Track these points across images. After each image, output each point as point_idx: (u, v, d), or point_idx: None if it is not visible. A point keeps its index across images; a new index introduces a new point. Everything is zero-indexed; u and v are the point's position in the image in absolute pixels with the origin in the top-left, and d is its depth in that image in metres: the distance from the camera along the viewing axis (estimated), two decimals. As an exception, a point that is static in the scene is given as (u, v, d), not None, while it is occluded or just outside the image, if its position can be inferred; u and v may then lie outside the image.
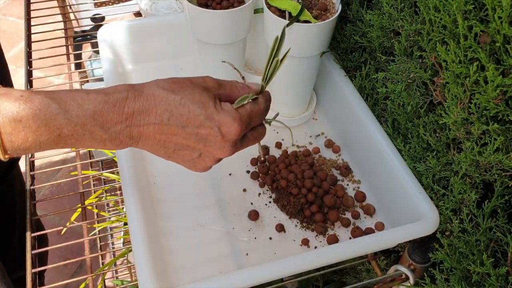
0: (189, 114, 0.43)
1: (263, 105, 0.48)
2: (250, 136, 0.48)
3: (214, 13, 0.68)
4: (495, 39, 0.45)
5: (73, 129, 0.41)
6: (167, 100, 0.43)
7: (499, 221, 0.52)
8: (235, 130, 0.44)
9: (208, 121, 0.44)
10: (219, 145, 0.45)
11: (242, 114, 0.45)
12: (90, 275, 0.67)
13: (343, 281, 0.86)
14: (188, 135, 0.44)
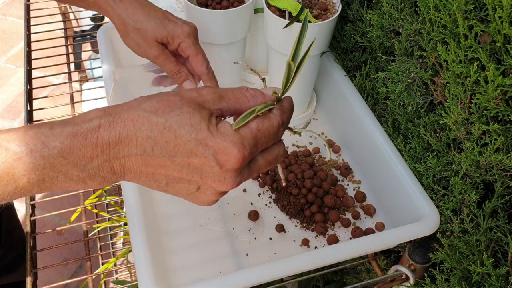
0: (176, 140, 0.35)
1: (276, 119, 0.38)
2: (261, 160, 0.38)
3: (214, 12, 0.68)
4: (495, 39, 0.45)
5: (42, 172, 0.34)
6: (149, 125, 0.35)
7: (499, 221, 0.52)
8: (235, 158, 0.35)
9: (200, 148, 0.35)
10: (218, 177, 0.36)
11: (245, 136, 0.36)
12: (90, 275, 0.67)
13: (344, 281, 0.86)
14: (179, 167, 0.36)
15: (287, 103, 0.40)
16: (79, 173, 0.35)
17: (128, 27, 0.56)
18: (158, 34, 0.56)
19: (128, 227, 0.57)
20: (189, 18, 0.71)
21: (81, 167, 0.35)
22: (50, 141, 0.34)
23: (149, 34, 0.56)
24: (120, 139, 0.35)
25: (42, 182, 0.35)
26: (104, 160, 0.35)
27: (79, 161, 0.35)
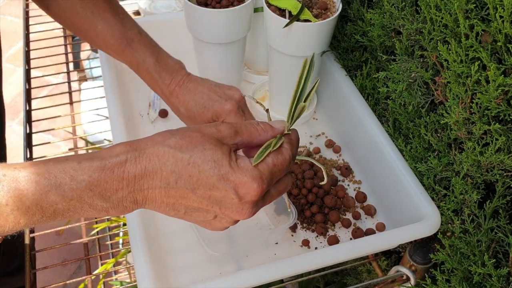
0: (199, 175, 0.38)
1: (288, 153, 0.41)
2: (273, 191, 0.42)
3: (213, 12, 0.67)
4: (496, 38, 0.45)
5: (69, 204, 0.37)
6: (174, 160, 0.38)
7: (500, 221, 0.51)
8: (255, 191, 0.38)
9: (222, 183, 0.38)
10: (237, 208, 0.40)
11: (263, 171, 0.39)
12: (89, 276, 0.67)
13: (344, 282, 0.86)
14: (200, 198, 0.39)
15: (295, 136, 0.43)
16: (103, 204, 0.38)
17: (181, 115, 0.61)
18: (204, 118, 0.59)
19: (127, 228, 0.57)
20: (189, 18, 0.71)
21: (106, 198, 0.38)
22: (78, 175, 0.37)
23: (197, 120, 0.59)
24: (146, 173, 0.38)
25: (67, 212, 0.37)
26: (129, 192, 0.38)
27: (105, 192, 0.37)
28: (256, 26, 0.76)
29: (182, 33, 0.76)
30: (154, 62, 0.61)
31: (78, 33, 0.64)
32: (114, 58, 0.65)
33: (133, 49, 0.61)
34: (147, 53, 0.61)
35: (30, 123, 0.82)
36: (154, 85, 0.62)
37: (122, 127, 0.67)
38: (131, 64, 0.62)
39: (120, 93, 0.72)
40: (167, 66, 0.61)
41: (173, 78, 0.60)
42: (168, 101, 0.62)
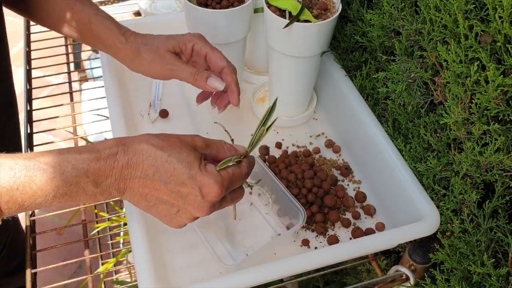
0: (173, 171, 0.45)
1: (245, 169, 0.49)
2: (228, 197, 0.49)
3: (213, 12, 0.68)
4: (496, 38, 0.45)
5: (68, 188, 0.43)
6: (155, 156, 0.45)
7: (500, 221, 0.52)
8: (215, 192, 0.45)
9: (190, 181, 0.45)
10: (198, 205, 0.46)
11: (224, 177, 0.46)
12: (90, 276, 0.67)
13: (344, 282, 0.86)
14: (170, 191, 0.45)
15: (252, 159, 0.52)
16: (94, 189, 0.44)
17: (140, 51, 0.60)
18: (170, 44, 0.59)
19: (128, 227, 0.57)
20: (189, 18, 0.71)
21: (98, 184, 0.44)
22: (79, 164, 0.43)
23: (160, 48, 0.59)
24: (130, 164, 0.45)
25: (63, 195, 0.43)
26: (115, 180, 0.44)
27: (97, 179, 0.44)
28: (256, 26, 0.76)
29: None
30: (107, 15, 0.63)
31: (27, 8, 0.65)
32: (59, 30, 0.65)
33: (83, 4, 0.62)
34: (99, 9, 0.63)
35: (31, 123, 0.82)
36: (108, 33, 0.61)
37: (123, 127, 0.67)
38: (82, 20, 0.62)
39: (120, 93, 0.72)
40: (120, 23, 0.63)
41: (128, 30, 0.62)
42: (123, 46, 0.61)
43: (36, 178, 0.42)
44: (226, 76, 0.59)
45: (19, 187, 0.41)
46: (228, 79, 0.59)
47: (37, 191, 0.42)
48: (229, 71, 0.59)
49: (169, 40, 0.60)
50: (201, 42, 0.60)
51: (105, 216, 1.02)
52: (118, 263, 1.07)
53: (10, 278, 0.97)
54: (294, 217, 0.64)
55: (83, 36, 0.64)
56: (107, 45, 0.63)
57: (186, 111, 0.80)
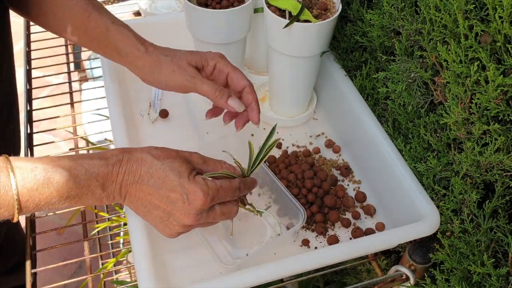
0: (165, 178, 0.49)
1: (236, 184, 0.52)
2: (218, 209, 0.51)
3: (213, 12, 0.68)
4: (495, 38, 0.45)
5: (80, 190, 0.47)
6: (151, 164, 0.49)
7: (500, 221, 0.52)
8: (200, 200, 0.48)
9: (179, 188, 0.48)
10: (185, 211, 0.49)
11: (211, 187, 0.49)
12: (90, 276, 0.67)
13: (344, 282, 0.86)
14: (161, 197, 0.49)
15: (251, 180, 0.55)
16: (101, 192, 0.48)
17: (161, 60, 0.59)
18: (192, 58, 0.59)
19: (128, 227, 0.57)
20: (189, 18, 0.71)
21: (104, 188, 0.48)
22: (91, 168, 0.48)
23: (182, 60, 0.59)
24: (131, 171, 0.49)
25: (74, 197, 0.47)
26: (118, 185, 0.49)
27: (105, 182, 0.48)
28: (256, 26, 0.76)
29: (182, 34, 0.76)
30: (125, 24, 0.62)
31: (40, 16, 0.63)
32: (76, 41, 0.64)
33: (100, 13, 0.61)
34: (116, 18, 0.62)
35: (31, 123, 0.82)
36: (126, 41, 0.60)
37: (123, 127, 0.67)
38: (99, 28, 0.61)
39: (120, 93, 0.72)
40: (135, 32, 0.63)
41: (146, 40, 0.61)
42: (142, 55, 0.60)
43: (53, 179, 0.46)
44: (248, 95, 0.59)
45: (39, 188, 0.45)
46: (249, 98, 0.59)
47: (53, 192, 0.46)
48: (250, 90, 0.59)
49: (192, 54, 0.60)
50: (224, 61, 0.60)
51: (105, 216, 1.02)
52: (118, 263, 1.07)
53: (8, 277, 0.97)
54: (294, 217, 0.64)
55: (98, 45, 0.63)
56: (125, 54, 0.61)
57: (186, 111, 0.80)
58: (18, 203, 0.45)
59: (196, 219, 0.49)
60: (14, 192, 0.44)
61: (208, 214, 0.51)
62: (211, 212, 0.51)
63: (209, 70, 0.60)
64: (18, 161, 0.46)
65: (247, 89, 0.60)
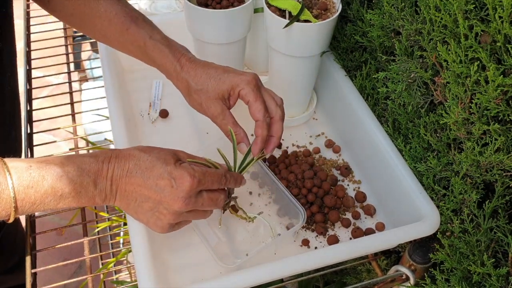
0: (153, 167, 0.50)
1: (221, 171, 0.54)
2: (205, 195, 0.52)
3: (213, 12, 0.68)
4: (495, 38, 0.45)
5: (73, 187, 0.48)
6: (139, 157, 0.51)
7: (500, 221, 0.52)
8: (188, 182, 0.49)
9: (166, 174, 0.50)
10: (173, 195, 0.50)
11: (196, 171, 0.50)
12: (90, 276, 0.67)
13: (344, 282, 0.86)
14: (149, 186, 0.50)
15: (237, 174, 0.57)
16: (93, 190, 0.49)
17: (191, 89, 0.60)
18: (219, 90, 0.59)
19: (128, 227, 0.57)
20: (189, 18, 0.71)
21: (96, 185, 0.49)
22: (82, 165, 0.49)
23: (210, 93, 0.59)
24: (120, 165, 0.50)
25: (68, 196, 0.48)
26: (109, 181, 0.50)
27: (96, 179, 0.49)
28: (256, 26, 0.76)
29: (182, 34, 0.76)
30: (162, 37, 0.62)
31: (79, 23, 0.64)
32: (114, 47, 0.65)
33: (138, 26, 0.61)
34: (154, 30, 0.62)
35: (31, 123, 0.82)
36: (163, 60, 0.61)
37: (123, 127, 0.67)
38: (136, 42, 0.61)
39: (120, 93, 0.72)
40: (175, 44, 0.62)
41: (183, 54, 0.61)
42: (177, 75, 0.61)
43: (47, 176, 0.47)
44: (257, 129, 0.59)
45: (34, 185, 0.46)
46: (257, 132, 0.58)
47: (48, 189, 0.47)
48: (261, 125, 0.58)
49: (219, 85, 0.59)
50: (249, 88, 0.58)
51: (105, 216, 1.02)
52: (118, 263, 1.07)
53: (8, 276, 0.97)
54: (294, 217, 0.64)
55: (138, 57, 0.64)
56: (163, 70, 0.62)
57: (186, 111, 0.80)
58: (14, 201, 0.45)
59: (185, 203, 0.50)
60: (11, 191, 0.45)
61: (196, 200, 0.51)
62: (199, 197, 0.51)
63: (235, 97, 0.60)
64: (12, 162, 0.47)
65: (258, 123, 0.59)
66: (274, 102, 0.60)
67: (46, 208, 0.48)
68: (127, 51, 0.65)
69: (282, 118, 0.60)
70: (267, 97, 0.60)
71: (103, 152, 0.51)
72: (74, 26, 0.67)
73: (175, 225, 0.53)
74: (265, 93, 0.60)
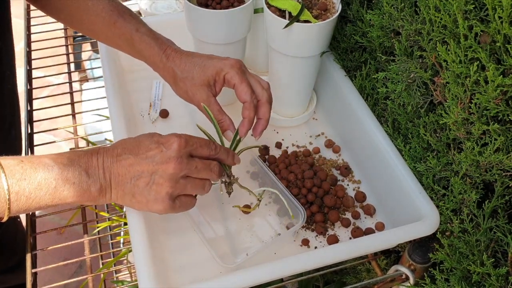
0: (139, 144, 0.52)
1: (208, 140, 0.55)
2: (198, 161, 0.52)
3: (214, 12, 0.68)
4: (495, 39, 0.45)
5: (66, 177, 0.48)
6: (124, 142, 0.53)
7: (499, 221, 0.52)
8: (175, 142, 0.51)
9: (153, 144, 0.51)
10: (165, 158, 0.50)
11: (182, 134, 0.52)
12: (90, 275, 0.67)
13: (343, 281, 0.86)
14: (140, 160, 0.51)
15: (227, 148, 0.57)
16: (87, 179, 0.49)
17: (177, 78, 0.61)
18: (204, 77, 0.60)
19: (128, 227, 0.57)
20: (189, 18, 0.71)
21: (89, 174, 0.50)
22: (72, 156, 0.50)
23: (195, 80, 0.60)
24: (108, 153, 0.51)
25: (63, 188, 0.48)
26: (101, 168, 0.51)
27: (88, 169, 0.50)
28: (256, 27, 0.77)
29: (182, 34, 0.76)
30: (148, 30, 0.63)
31: (68, 18, 0.65)
32: (102, 41, 0.66)
33: (125, 20, 0.62)
34: (140, 23, 0.63)
35: (31, 123, 0.82)
36: (149, 51, 0.62)
37: (123, 127, 0.67)
38: (123, 35, 0.63)
39: (120, 94, 0.72)
40: (161, 36, 0.64)
41: (168, 46, 0.62)
42: (164, 65, 0.62)
43: (39, 168, 0.47)
44: (244, 110, 0.59)
45: (26, 178, 0.46)
46: (244, 113, 0.59)
47: (41, 181, 0.47)
48: (248, 107, 0.59)
49: (203, 72, 0.60)
50: (233, 71, 0.59)
51: (105, 216, 1.02)
52: (118, 263, 1.07)
53: (9, 276, 0.97)
54: (295, 217, 0.64)
55: (125, 50, 0.66)
56: (150, 62, 0.64)
57: (186, 111, 0.80)
58: (8, 193, 0.45)
59: (178, 162, 0.50)
60: (4, 184, 0.45)
61: (189, 162, 0.51)
62: (191, 161, 0.51)
63: (220, 82, 0.61)
64: (4, 159, 0.47)
65: (245, 104, 0.60)
66: (260, 86, 0.61)
67: (42, 204, 0.48)
68: (115, 45, 0.66)
69: (269, 101, 0.61)
70: (252, 81, 0.60)
71: (92, 147, 0.53)
72: (63, 21, 0.68)
73: (175, 200, 0.52)
74: (251, 77, 0.61)
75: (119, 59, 0.81)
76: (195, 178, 0.53)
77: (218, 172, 0.54)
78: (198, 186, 0.53)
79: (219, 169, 0.55)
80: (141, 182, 0.50)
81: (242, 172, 0.72)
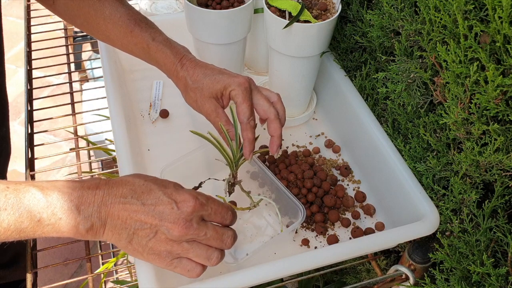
0: (149, 192, 0.48)
1: (228, 205, 0.51)
2: (211, 226, 0.48)
3: (214, 13, 0.68)
4: (495, 39, 0.45)
5: (52, 212, 0.45)
6: (133, 182, 0.48)
7: (499, 221, 0.52)
8: (190, 202, 0.47)
9: (165, 197, 0.47)
10: (174, 217, 0.47)
11: (200, 193, 0.48)
12: (90, 275, 0.67)
13: (343, 281, 0.86)
14: (147, 211, 0.47)
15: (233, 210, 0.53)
16: (76, 216, 0.45)
17: (188, 87, 0.62)
18: (213, 89, 0.60)
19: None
20: (189, 18, 0.71)
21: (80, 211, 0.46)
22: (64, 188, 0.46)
23: (204, 91, 0.61)
24: (111, 191, 0.47)
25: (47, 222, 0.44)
26: (97, 207, 0.46)
27: (80, 205, 0.46)
28: (256, 27, 0.77)
29: (182, 34, 0.76)
30: (165, 39, 0.64)
31: (84, 24, 0.65)
32: (117, 47, 0.66)
33: (142, 28, 0.63)
34: (156, 32, 0.63)
35: (31, 123, 0.82)
36: (165, 60, 0.63)
37: (123, 127, 0.67)
38: (140, 44, 0.63)
39: (121, 94, 0.73)
40: (177, 45, 0.64)
41: (184, 55, 0.63)
42: (177, 74, 0.62)
43: (24, 199, 0.44)
44: (242, 132, 0.60)
45: (7, 208, 0.43)
46: (242, 135, 0.60)
47: (23, 213, 0.44)
48: (244, 128, 0.60)
49: (213, 84, 0.60)
50: (239, 90, 0.59)
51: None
52: (119, 263, 1.07)
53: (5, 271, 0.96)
54: (294, 217, 0.64)
55: (143, 58, 0.66)
56: (164, 70, 0.64)
57: (187, 111, 0.80)
58: None
59: (186, 226, 0.46)
60: None
61: (199, 227, 0.47)
62: (202, 225, 0.48)
63: (226, 98, 0.62)
64: None
65: (241, 126, 0.60)
66: (267, 103, 0.60)
67: (23, 235, 0.44)
68: (130, 52, 0.66)
69: (278, 117, 0.61)
70: (259, 99, 0.61)
71: (90, 179, 0.49)
72: (78, 26, 0.69)
73: (174, 260, 0.49)
74: (258, 95, 0.61)
75: (119, 59, 0.81)
76: (202, 244, 0.49)
77: (231, 244, 0.50)
78: (202, 255, 0.49)
79: (232, 242, 0.50)
80: (141, 233, 0.47)
81: (242, 172, 0.72)
